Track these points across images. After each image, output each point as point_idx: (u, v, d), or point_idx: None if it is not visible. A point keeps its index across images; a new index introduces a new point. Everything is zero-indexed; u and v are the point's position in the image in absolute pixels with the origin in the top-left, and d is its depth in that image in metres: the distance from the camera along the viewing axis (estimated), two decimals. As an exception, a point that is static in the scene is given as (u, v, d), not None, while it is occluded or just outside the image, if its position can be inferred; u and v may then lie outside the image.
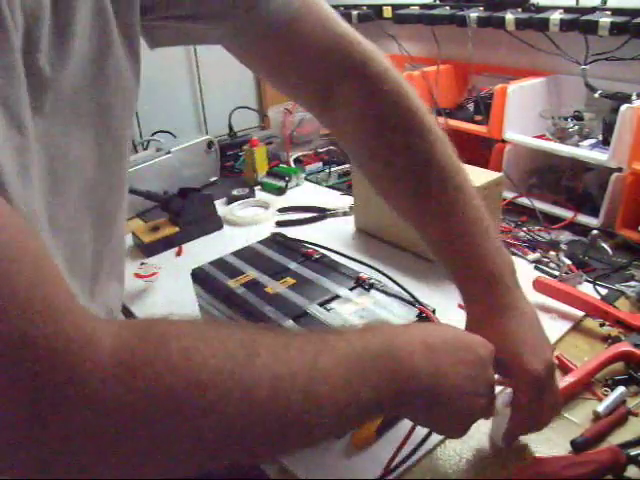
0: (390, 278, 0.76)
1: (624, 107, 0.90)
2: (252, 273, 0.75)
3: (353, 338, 0.42)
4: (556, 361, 0.69)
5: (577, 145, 1.04)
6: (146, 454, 0.32)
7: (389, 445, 0.56)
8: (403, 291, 0.71)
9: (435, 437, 0.56)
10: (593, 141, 1.04)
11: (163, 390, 0.31)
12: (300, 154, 1.41)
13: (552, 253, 0.91)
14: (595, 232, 0.92)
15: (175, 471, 0.35)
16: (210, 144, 1.30)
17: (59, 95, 0.37)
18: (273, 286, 0.71)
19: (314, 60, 0.56)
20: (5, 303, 0.27)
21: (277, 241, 0.84)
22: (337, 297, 0.68)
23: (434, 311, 0.64)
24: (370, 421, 0.43)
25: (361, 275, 0.71)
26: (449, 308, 0.80)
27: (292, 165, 1.35)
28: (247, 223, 1.11)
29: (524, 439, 0.58)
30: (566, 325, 0.75)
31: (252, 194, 1.23)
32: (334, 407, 0.38)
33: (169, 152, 1.22)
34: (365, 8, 1.49)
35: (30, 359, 0.27)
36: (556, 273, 0.86)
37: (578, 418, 0.61)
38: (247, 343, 0.36)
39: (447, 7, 1.28)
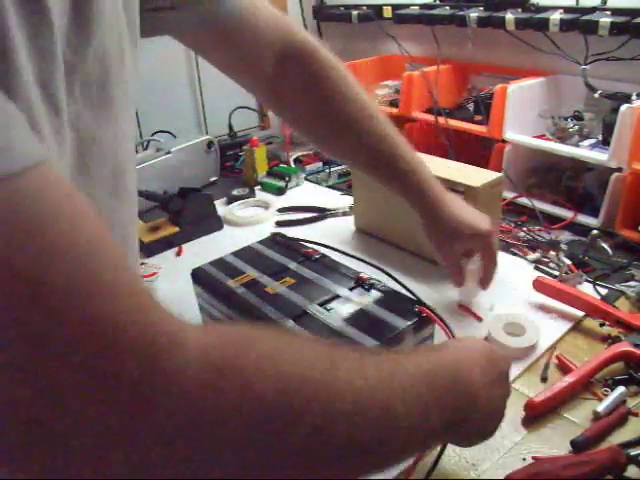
0: (391, 276, 0.76)
1: (624, 107, 0.90)
2: (252, 273, 0.75)
3: (424, 360, 0.42)
4: (556, 361, 0.69)
5: (577, 145, 1.04)
6: (232, 462, 0.30)
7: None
8: (404, 289, 0.71)
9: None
10: (593, 141, 1.04)
11: (250, 391, 0.30)
12: (300, 154, 1.41)
13: (552, 253, 0.91)
14: (595, 232, 0.92)
15: None
16: (210, 144, 1.30)
17: (85, 79, 0.37)
18: (273, 286, 0.71)
19: (262, 47, 0.67)
20: (92, 286, 0.25)
21: (277, 241, 0.84)
22: (337, 297, 0.68)
23: (434, 311, 0.64)
24: (427, 450, 0.45)
25: (361, 275, 0.71)
26: (449, 308, 0.80)
27: (292, 165, 1.35)
28: (247, 223, 1.11)
29: (524, 439, 0.58)
30: (566, 325, 0.75)
31: (252, 194, 1.23)
32: (408, 427, 0.38)
33: (169, 152, 1.22)
34: (365, 8, 1.49)
35: (120, 347, 0.26)
36: (556, 273, 0.86)
37: (578, 418, 0.61)
38: (325, 354, 0.36)
39: (447, 7, 1.28)
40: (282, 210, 1.15)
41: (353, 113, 0.70)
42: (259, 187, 1.28)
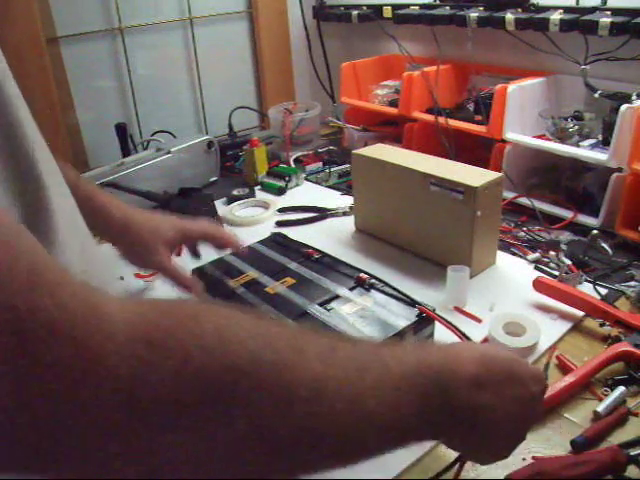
0: (387, 284, 0.75)
1: (624, 107, 0.90)
2: (252, 273, 0.75)
3: (409, 357, 0.39)
4: (556, 361, 0.69)
5: (577, 145, 1.04)
6: (169, 442, 0.28)
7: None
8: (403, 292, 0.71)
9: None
10: (593, 141, 1.04)
11: (192, 370, 0.27)
12: (300, 154, 1.41)
13: (552, 253, 0.91)
14: (595, 232, 0.92)
15: (195, 471, 0.30)
16: (210, 144, 1.30)
17: None
18: (273, 286, 0.71)
19: None
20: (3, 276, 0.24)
21: (277, 241, 0.84)
22: (337, 297, 0.68)
23: (434, 310, 0.64)
24: (405, 446, 0.43)
25: (361, 275, 0.71)
26: (448, 308, 0.80)
27: (292, 165, 1.35)
28: (247, 223, 1.11)
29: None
30: (566, 325, 0.75)
31: (252, 194, 1.23)
32: (380, 425, 0.36)
33: (169, 152, 1.22)
34: (365, 8, 1.49)
35: (27, 335, 0.24)
36: (556, 273, 0.86)
37: (578, 418, 0.61)
38: (289, 337, 0.33)
39: (447, 7, 1.28)
40: (282, 210, 1.15)
41: None
42: (259, 187, 1.28)
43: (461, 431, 0.42)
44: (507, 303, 0.80)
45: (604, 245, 0.91)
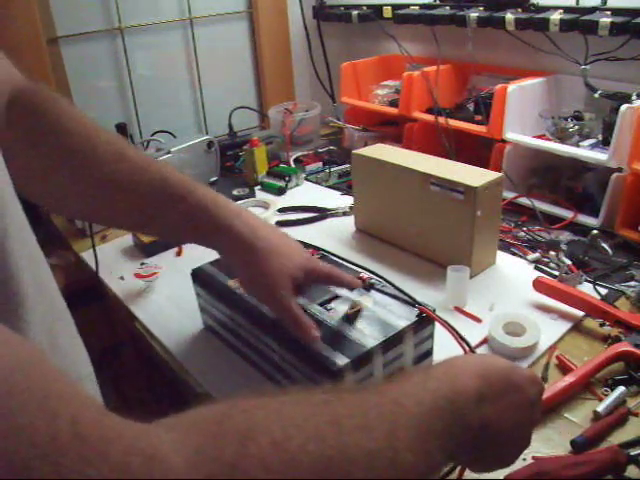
0: (388, 282, 0.75)
1: (624, 107, 0.90)
2: (252, 273, 0.75)
3: (419, 394, 0.40)
4: (556, 361, 0.69)
5: (577, 145, 1.04)
6: None
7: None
8: (403, 292, 0.71)
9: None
10: (593, 141, 1.04)
11: None
12: (300, 154, 1.41)
13: (552, 253, 0.91)
14: (595, 232, 0.92)
15: None
16: (210, 144, 1.30)
17: None
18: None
19: None
20: (47, 450, 0.22)
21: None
22: (337, 297, 0.68)
23: (434, 311, 0.64)
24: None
25: (361, 275, 0.71)
26: (448, 308, 0.80)
27: (292, 165, 1.35)
28: (247, 223, 1.11)
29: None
30: (566, 325, 0.75)
31: (252, 194, 1.23)
32: (416, 473, 0.36)
33: (169, 152, 1.22)
34: (365, 8, 1.49)
35: None
36: (556, 273, 0.86)
37: (578, 418, 0.61)
38: (330, 416, 0.34)
39: (447, 7, 1.28)
40: (282, 210, 1.15)
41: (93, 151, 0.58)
42: (259, 187, 1.28)
43: (470, 449, 0.42)
44: (507, 303, 0.80)
45: (604, 245, 0.91)
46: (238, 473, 0.26)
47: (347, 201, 1.15)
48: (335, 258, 0.78)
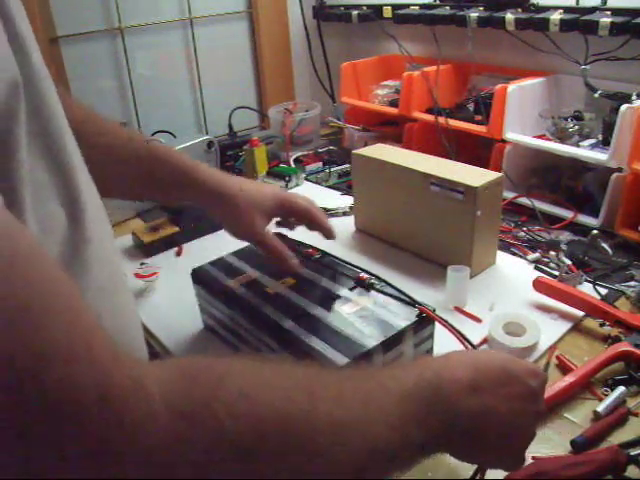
0: (388, 283, 0.75)
1: (624, 107, 0.90)
2: (252, 273, 0.75)
3: (404, 377, 0.41)
4: (556, 361, 0.69)
5: (577, 145, 1.04)
6: None
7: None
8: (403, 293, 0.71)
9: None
10: (593, 141, 1.04)
11: (224, 439, 0.29)
12: (300, 154, 1.41)
13: (552, 253, 0.91)
14: (595, 232, 0.92)
15: None
16: (210, 144, 1.29)
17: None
18: (273, 286, 0.71)
19: None
20: (48, 355, 0.25)
21: (277, 241, 0.84)
22: (337, 297, 0.68)
23: (434, 310, 0.64)
24: (412, 466, 0.43)
25: (361, 275, 0.71)
26: (448, 308, 0.80)
27: (292, 165, 1.35)
28: (247, 223, 1.11)
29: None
30: (566, 325, 0.75)
31: (252, 194, 1.23)
32: (388, 449, 0.37)
33: (169, 152, 1.22)
34: (365, 8, 1.49)
35: (80, 411, 0.25)
36: (556, 273, 0.86)
37: (578, 418, 0.61)
38: (303, 384, 0.35)
39: (447, 7, 1.28)
40: (282, 210, 1.15)
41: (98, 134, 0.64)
42: (259, 187, 1.28)
43: (466, 440, 0.42)
44: (507, 303, 0.80)
45: (604, 245, 0.91)
46: (206, 412, 0.29)
47: (347, 201, 1.15)
48: (337, 260, 0.78)
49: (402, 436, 0.38)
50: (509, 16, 1.14)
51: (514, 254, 0.94)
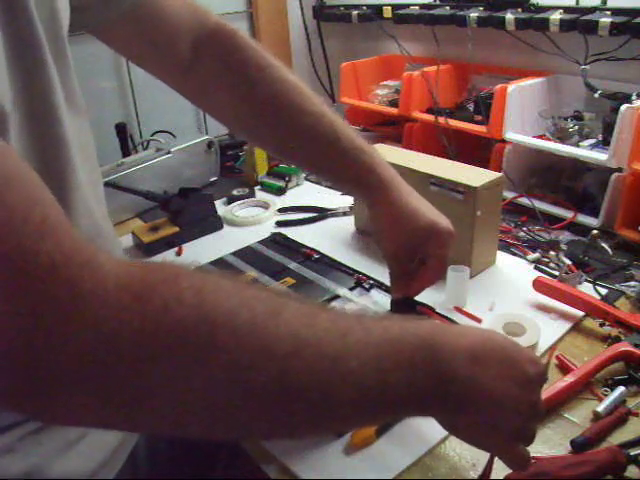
0: (385, 285, 0.76)
1: (624, 107, 0.90)
2: (252, 273, 0.75)
3: (393, 326, 0.39)
4: (556, 361, 0.69)
5: (577, 145, 1.04)
6: (149, 387, 0.30)
7: (389, 445, 0.56)
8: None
9: (436, 434, 0.56)
10: (593, 141, 1.04)
11: (171, 321, 0.30)
12: (300, 154, 1.40)
13: (552, 253, 0.91)
14: (595, 232, 0.92)
15: (177, 416, 0.32)
16: (210, 144, 1.30)
17: None
18: (273, 286, 0.71)
19: (173, 33, 0.63)
20: (3, 221, 0.27)
21: (277, 241, 0.84)
22: (337, 297, 0.68)
23: (434, 310, 0.64)
24: (386, 419, 0.40)
25: (361, 275, 0.71)
26: (448, 308, 0.80)
27: (292, 165, 1.35)
28: (247, 223, 1.11)
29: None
30: (566, 325, 0.75)
31: (252, 194, 1.23)
32: (361, 385, 0.35)
33: (169, 152, 1.22)
34: (365, 8, 1.49)
35: (30, 274, 0.27)
36: (556, 273, 0.86)
37: (578, 418, 0.61)
38: (268, 300, 0.34)
39: (447, 7, 1.28)
40: (282, 210, 1.15)
41: (280, 92, 0.67)
42: (259, 187, 1.28)
43: (454, 407, 0.41)
44: (507, 303, 0.80)
45: (604, 245, 0.91)
46: (154, 294, 0.30)
47: (347, 201, 1.15)
48: (338, 255, 0.78)
49: (379, 379, 0.36)
50: (509, 16, 1.14)
51: (514, 254, 0.94)
